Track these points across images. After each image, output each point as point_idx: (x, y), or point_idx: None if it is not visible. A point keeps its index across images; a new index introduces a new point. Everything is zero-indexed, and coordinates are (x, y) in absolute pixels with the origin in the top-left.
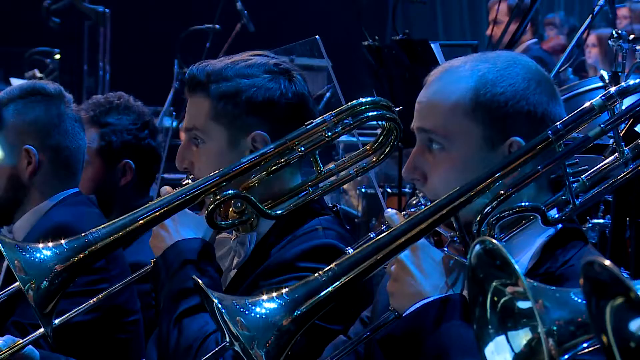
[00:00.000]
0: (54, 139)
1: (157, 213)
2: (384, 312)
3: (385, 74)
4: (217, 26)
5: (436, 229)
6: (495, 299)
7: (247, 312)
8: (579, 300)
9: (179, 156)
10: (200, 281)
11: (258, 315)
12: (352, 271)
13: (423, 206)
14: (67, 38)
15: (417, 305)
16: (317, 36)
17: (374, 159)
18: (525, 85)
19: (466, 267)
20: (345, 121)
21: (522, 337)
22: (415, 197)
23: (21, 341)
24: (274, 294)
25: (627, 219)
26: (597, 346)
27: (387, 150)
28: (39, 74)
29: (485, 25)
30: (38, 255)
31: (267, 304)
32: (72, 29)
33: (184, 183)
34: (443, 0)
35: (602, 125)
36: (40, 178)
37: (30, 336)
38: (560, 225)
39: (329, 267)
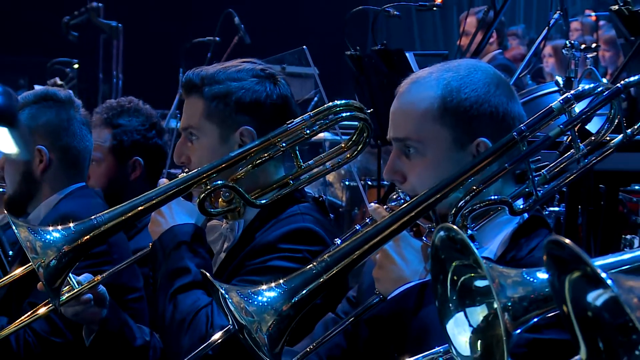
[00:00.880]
0: (64, 140)
1: (155, 201)
2: (369, 293)
3: (366, 80)
4: (217, 39)
5: (416, 221)
6: (455, 278)
7: (250, 300)
8: (531, 279)
9: (176, 152)
10: (207, 273)
11: (260, 303)
12: (343, 261)
13: (402, 200)
14: (85, 50)
15: (400, 289)
16: (304, 46)
17: (348, 155)
18: (486, 89)
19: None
20: (322, 121)
21: (479, 313)
22: (395, 193)
23: (99, 278)
24: (273, 284)
25: (579, 207)
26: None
27: (360, 147)
28: (59, 82)
29: (457, 36)
30: (48, 237)
31: (267, 293)
32: (88, 42)
33: (180, 175)
34: (418, 13)
35: (561, 126)
36: (51, 174)
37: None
38: (526, 215)
39: (322, 257)
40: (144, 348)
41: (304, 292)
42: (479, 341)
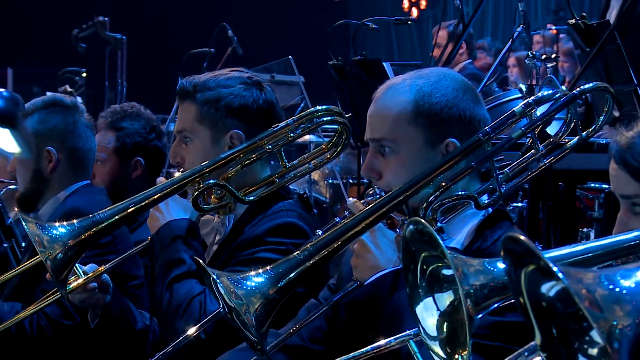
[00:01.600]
0: (70, 141)
1: (153, 198)
2: (348, 280)
3: (347, 87)
4: (212, 50)
5: (391, 214)
6: (424, 267)
7: (239, 285)
8: (492, 269)
9: (172, 153)
10: (200, 260)
11: (248, 287)
12: (324, 250)
13: (378, 196)
14: (92, 60)
15: (375, 276)
16: (290, 57)
17: (328, 155)
18: (454, 94)
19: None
20: (305, 125)
21: (446, 298)
22: (371, 188)
23: (103, 268)
24: (261, 270)
25: (540, 203)
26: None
27: (339, 148)
28: (69, 89)
29: (431, 47)
30: (55, 232)
31: (255, 278)
32: (95, 53)
33: (175, 175)
34: (395, 26)
35: (522, 128)
36: (59, 173)
37: (45, 299)
38: (490, 209)
39: (305, 246)
40: (144, 331)
41: (289, 277)
42: (446, 324)
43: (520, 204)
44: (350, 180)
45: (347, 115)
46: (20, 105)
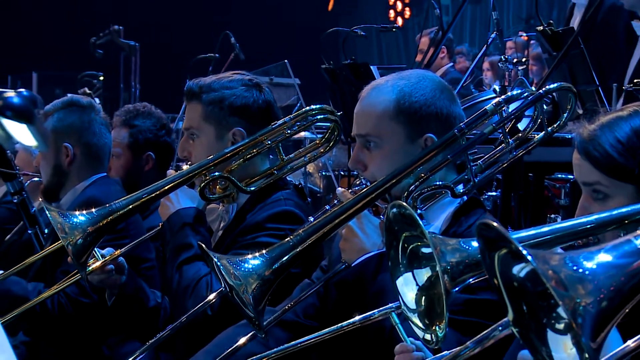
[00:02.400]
0: (85, 138)
1: (164, 189)
2: (338, 262)
3: (338, 89)
4: (217, 55)
5: (375, 202)
6: (405, 245)
7: (238, 267)
8: (467, 247)
9: (180, 148)
10: (203, 245)
11: (246, 269)
12: (315, 235)
13: (364, 185)
14: (108, 64)
15: (362, 258)
16: (286, 60)
17: (322, 150)
18: (433, 94)
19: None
20: (300, 122)
21: (424, 274)
22: (358, 179)
23: (119, 252)
24: (257, 254)
25: (512, 192)
26: (483, 282)
27: (331, 143)
28: (88, 91)
29: (414, 52)
30: (75, 220)
31: (252, 261)
32: (111, 58)
33: (183, 167)
34: (383, 34)
35: (494, 124)
36: (76, 166)
37: (66, 280)
38: (465, 197)
39: (298, 232)
40: (156, 308)
41: (283, 260)
42: (424, 298)
43: (494, 193)
44: (342, 173)
45: (339, 114)
46: (39, 104)
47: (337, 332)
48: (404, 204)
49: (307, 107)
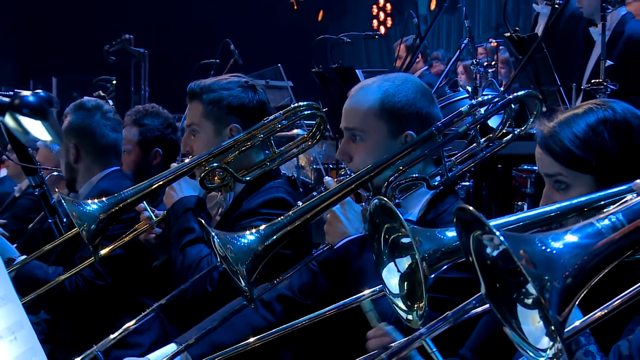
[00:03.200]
0: (89, 138)
1: (168, 179)
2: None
3: (327, 90)
4: (217, 60)
5: (357, 190)
6: (387, 236)
7: (233, 242)
8: (442, 237)
9: (183, 143)
10: (203, 221)
11: (240, 244)
12: (303, 216)
13: (348, 175)
14: (120, 70)
15: (344, 240)
16: (279, 65)
17: (309, 143)
18: (414, 95)
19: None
20: (290, 117)
21: (405, 262)
22: (343, 169)
23: (165, 213)
24: (253, 230)
25: (483, 182)
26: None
27: (318, 136)
28: (102, 94)
29: (394, 57)
30: (88, 208)
31: (248, 237)
32: (123, 64)
33: (185, 160)
34: (367, 41)
35: (467, 124)
36: (82, 164)
37: (83, 264)
38: (441, 187)
39: (288, 213)
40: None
41: (274, 237)
42: (405, 283)
43: (467, 183)
44: (331, 166)
45: (324, 110)
46: (54, 103)
47: (323, 315)
48: (384, 198)
49: (296, 104)
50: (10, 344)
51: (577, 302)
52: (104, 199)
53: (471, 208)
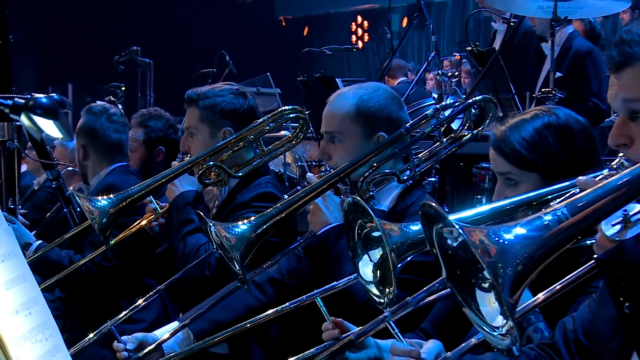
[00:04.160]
0: (94, 138)
1: (169, 176)
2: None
3: (311, 96)
4: (214, 70)
5: (336, 185)
6: (359, 231)
7: (228, 230)
8: (408, 230)
9: (181, 143)
10: (201, 213)
11: (234, 232)
12: (289, 208)
13: (328, 172)
14: (129, 77)
15: (325, 228)
16: (268, 73)
17: (294, 142)
18: (385, 101)
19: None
20: (277, 120)
21: (377, 253)
22: (323, 166)
23: (167, 206)
24: (245, 221)
25: (447, 178)
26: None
27: (300, 137)
28: (112, 99)
29: (372, 67)
30: (99, 203)
31: (241, 226)
32: (131, 72)
33: (184, 159)
34: (346, 53)
35: (432, 126)
36: (90, 161)
37: (96, 252)
38: (410, 181)
39: (276, 205)
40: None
41: (264, 226)
42: (378, 271)
43: (433, 179)
44: (314, 163)
45: (307, 113)
46: (67, 106)
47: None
48: (357, 197)
49: (282, 108)
50: (26, 318)
51: (527, 286)
52: (111, 195)
53: (434, 203)
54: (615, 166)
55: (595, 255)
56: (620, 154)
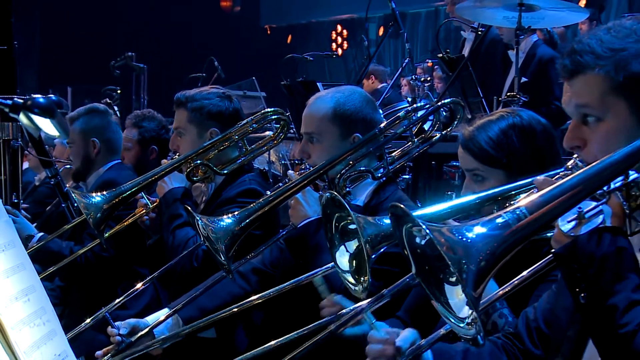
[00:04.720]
0: (106, 134)
1: (160, 174)
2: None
3: (293, 99)
4: (204, 74)
5: (315, 181)
6: (337, 224)
7: (214, 224)
8: (381, 223)
9: (171, 143)
10: (189, 208)
11: (220, 226)
12: (272, 202)
13: (307, 169)
14: (124, 81)
15: (305, 222)
16: (253, 77)
17: (275, 142)
18: (360, 104)
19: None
20: (260, 121)
21: (353, 245)
22: (303, 164)
23: (158, 201)
24: (230, 215)
25: (420, 176)
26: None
27: (282, 137)
28: (109, 101)
29: (352, 72)
30: (93, 200)
31: (226, 220)
32: (126, 76)
33: (173, 157)
34: (327, 59)
35: (404, 127)
36: (100, 156)
37: (91, 244)
38: (384, 178)
39: (259, 201)
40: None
41: (248, 220)
42: (354, 261)
43: (407, 176)
44: (296, 161)
45: (289, 114)
46: (64, 106)
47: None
48: (334, 192)
49: (265, 110)
50: (24, 305)
51: (490, 278)
52: (104, 192)
53: (401, 205)
54: (570, 166)
55: (552, 250)
56: (575, 155)
